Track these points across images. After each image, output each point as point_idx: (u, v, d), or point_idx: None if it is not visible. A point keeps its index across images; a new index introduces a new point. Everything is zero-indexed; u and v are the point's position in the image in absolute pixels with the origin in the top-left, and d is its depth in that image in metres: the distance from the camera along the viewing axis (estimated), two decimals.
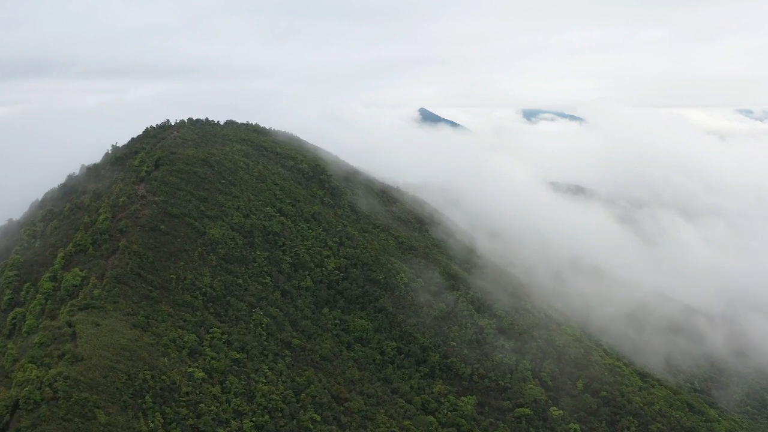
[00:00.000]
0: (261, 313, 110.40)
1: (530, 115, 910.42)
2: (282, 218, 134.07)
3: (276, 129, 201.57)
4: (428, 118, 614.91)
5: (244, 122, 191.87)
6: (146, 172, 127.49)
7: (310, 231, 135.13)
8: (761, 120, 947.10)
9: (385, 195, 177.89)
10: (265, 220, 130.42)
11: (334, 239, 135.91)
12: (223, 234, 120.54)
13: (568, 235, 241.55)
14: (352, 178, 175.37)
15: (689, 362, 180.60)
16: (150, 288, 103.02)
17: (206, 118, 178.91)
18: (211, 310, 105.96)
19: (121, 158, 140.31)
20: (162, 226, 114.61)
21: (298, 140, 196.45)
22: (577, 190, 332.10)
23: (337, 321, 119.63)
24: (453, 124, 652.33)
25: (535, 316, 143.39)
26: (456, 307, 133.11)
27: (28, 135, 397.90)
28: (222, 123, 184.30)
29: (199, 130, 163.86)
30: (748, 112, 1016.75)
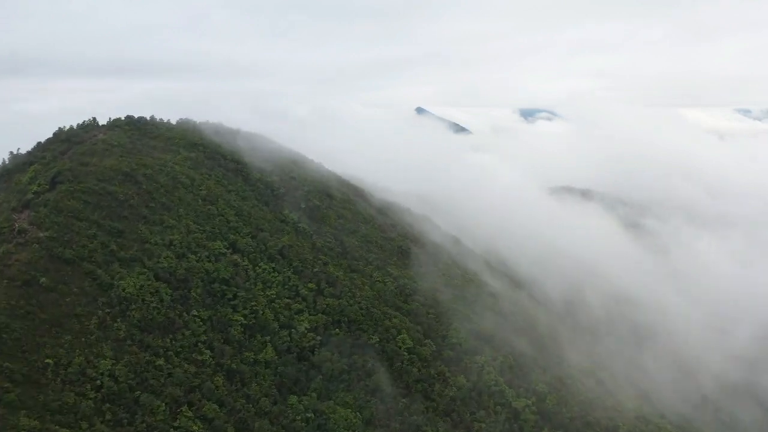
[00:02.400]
0: (190, 414, 71.73)
1: (527, 114, 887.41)
2: (236, 257, 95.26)
3: (246, 130, 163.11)
4: (425, 117, 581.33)
5: (205, 121, 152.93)
6: (35, 193, 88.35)
7: (276, 275, 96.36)
8: (760, 119, 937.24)
9: (381, 215, 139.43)
10: (209, 262, 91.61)
11: (309, 285, 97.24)
12: (142, 286, 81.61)
13: (582, 252, 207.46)
14: (339, 193, 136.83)
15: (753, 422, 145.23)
16: (7, 384, 64.33)
17: (151, 116, 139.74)
18: (108, 416, 67.26)
19: (10, 172, 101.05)
20: (43, 279, 75.62)
21: (271, 145, 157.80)
22: (581, 195, 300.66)
23: (309, 414, 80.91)
24: (450, 123, 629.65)
25: (584, 385, 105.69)
26: (480, 380, 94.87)
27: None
28: (174, 122, 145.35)
29: (137, 131, 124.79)
30: (746, 112, 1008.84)
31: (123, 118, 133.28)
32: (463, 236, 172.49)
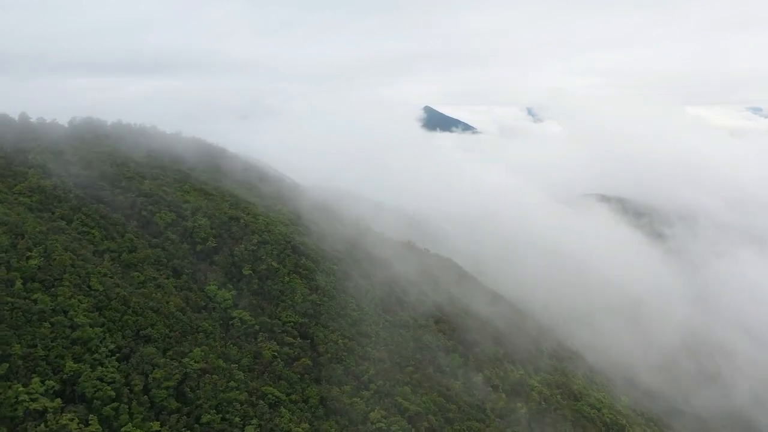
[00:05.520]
0: None
1: (536, 113, 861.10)
2: (66, 419, 43.17)
3: (191, 135, 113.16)
4: (433, 117, 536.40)
5: (117, 121, 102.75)
6: None
7: None
8: None
9: (384, 268, 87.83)
10: None
11: None
12: None
13: (616, 278, 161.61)
14: (314, 245, 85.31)
15: None
16: None
17: (22, 113, 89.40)
18: None
19: None
20: None
21: (231, 160, 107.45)
22: (596, 201, 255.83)
23: None
24: (458, 123, 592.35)
25: None
26: None
27: None
28: (66, 125, 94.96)
29: None
30: (757, 110, 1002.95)
31: None
32: (480, 263, 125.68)
